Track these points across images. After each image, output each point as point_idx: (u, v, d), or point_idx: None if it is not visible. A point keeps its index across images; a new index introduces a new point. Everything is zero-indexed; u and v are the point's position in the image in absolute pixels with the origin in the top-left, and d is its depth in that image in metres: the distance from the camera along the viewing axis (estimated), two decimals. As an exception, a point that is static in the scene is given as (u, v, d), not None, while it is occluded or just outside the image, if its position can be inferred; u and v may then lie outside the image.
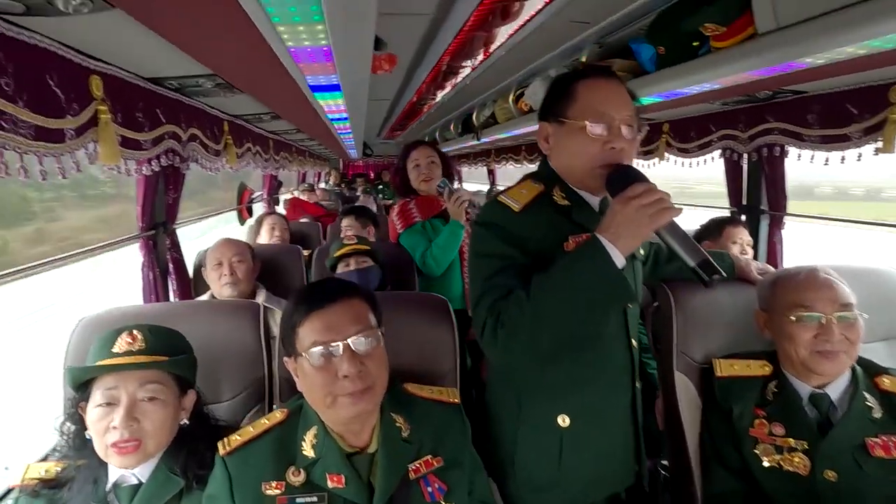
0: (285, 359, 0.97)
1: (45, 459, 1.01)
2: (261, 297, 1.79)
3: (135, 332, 0.96)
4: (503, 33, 2.26)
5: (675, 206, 0.88)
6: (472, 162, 6.56)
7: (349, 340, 0.89)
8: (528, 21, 1.94)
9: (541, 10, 1.82)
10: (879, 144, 1.54)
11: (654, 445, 1.69)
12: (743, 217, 2.27)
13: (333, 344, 0.89)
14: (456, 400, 1.08)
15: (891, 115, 1.51)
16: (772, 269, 1.45)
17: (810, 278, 1.14)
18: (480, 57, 2.69)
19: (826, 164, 1.78)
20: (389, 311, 1.29)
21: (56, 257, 1.44)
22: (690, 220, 2.42)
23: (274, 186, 3.99)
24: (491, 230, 1.02)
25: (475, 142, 4.61)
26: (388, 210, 5.49)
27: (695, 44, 1.51)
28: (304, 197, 5.11)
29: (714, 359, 1.29)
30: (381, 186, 8.83)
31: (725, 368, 1.26)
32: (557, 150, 1.07)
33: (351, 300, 0.94)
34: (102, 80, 1.19)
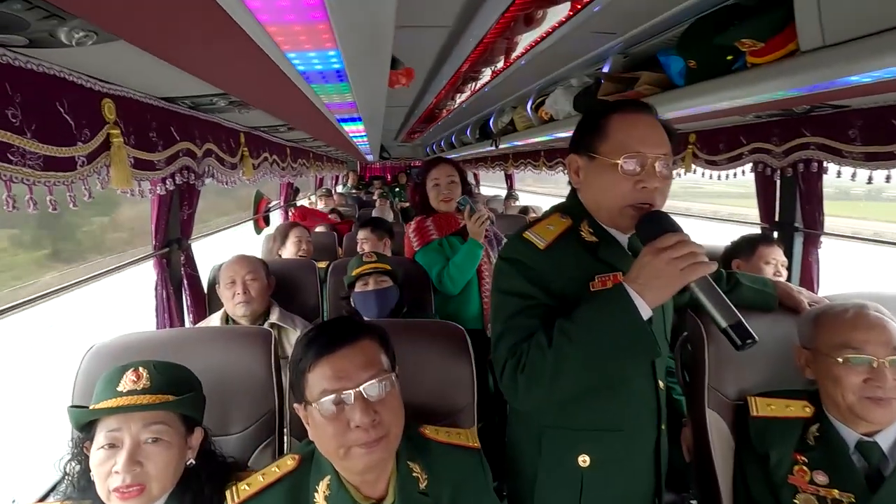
0: (295, 405, 0.93)
1: (43, 500, 0.99)
2: (274, 316, 1.76)
3: (140, 369, 0.93)
4: (524, 42, 2.20)
5: (709, 261, 0.83)
6: (490, 166, 6.49)
7: (361, 388, 0.84)
8: (551, 32, 1.87)
9: (564, 22, 1.76)
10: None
11: (679, 479, 1.61)
12: (775, 234, 2.16)
13: (345, 392, 0.83)
14: (475, 444, 1.03)
15: (943, 134, 1.40)
16: (825, 300, 1.35)
17: (859, 317, 1.06)
18: (501, 65, 2.63)
19: (869, 183, 1.68)
20: (402, 341, 1.23)
21: (65, 284, 1.43)
22: (713, 235, 2.32)
23: (290, 194, 3.95)
24: (515, 267, 0.97)
25: (493, 148, 4.56)
26: (405, 214, 5.46)
27: (728, 58, 1.43)
28: (321, 203, 5.10)
29: (749, 396, 1.21)
30: (397, 189, 8.82)
31: (762, 408, 1.18)
32: (587, 184, 1.02)
33: (362, 342, 0.89)
34: (115, 103, 1.16)
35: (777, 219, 2.14)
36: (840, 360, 1.03)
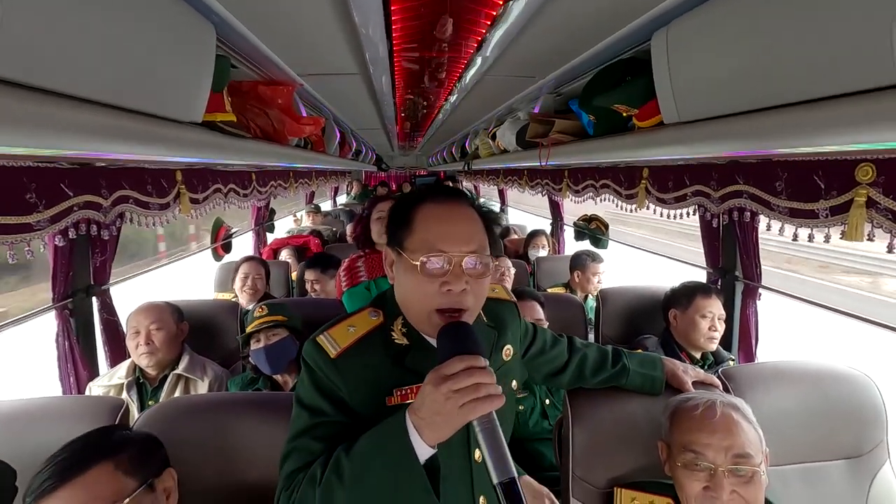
0: None
1: None
2: (182, 365, 1.74)
3: None
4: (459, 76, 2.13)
5: (496, 394, 0.68)
6: (485, 180, 6.43)
7: None
8: (469, 75, 1.81)
9: (475, 68, 1.69)
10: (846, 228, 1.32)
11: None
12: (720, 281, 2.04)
13: None
14: None
15: (857, 198, 1.29)
16: (717, 382, 1.24)
17: (704, 417, 0.97)
18: (448, 94, 2.55)
19: (810, 240, 1.56)
20: (244, 415, 1.16)
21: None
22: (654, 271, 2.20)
23: (264, 216, 3.90)
24: (308, 373, 0.85)
25: (467, 168, 4.51)
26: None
27: (624, 114, 1.35)
28: (308, 220, 5.08)
29: (616, 487, 1.13)
30: (399, 198, 8.69)
31: (626, 501, 1.10)
32: (397, 282, 0.89)
33: (94, 472, 0.80)
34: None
35: (721, 265, 2.02)
36: (679, 463, 0.95)
